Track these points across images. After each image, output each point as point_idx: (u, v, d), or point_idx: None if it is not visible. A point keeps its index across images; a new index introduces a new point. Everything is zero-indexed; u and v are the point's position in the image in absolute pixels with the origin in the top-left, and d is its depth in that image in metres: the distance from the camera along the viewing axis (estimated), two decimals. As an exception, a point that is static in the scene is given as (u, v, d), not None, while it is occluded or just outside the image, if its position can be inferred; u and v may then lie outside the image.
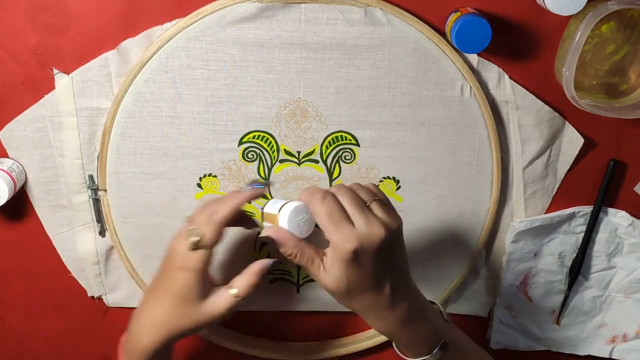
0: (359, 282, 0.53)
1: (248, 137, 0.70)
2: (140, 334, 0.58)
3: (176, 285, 0.56)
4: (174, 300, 0.56)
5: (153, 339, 0.58)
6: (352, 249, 0.51)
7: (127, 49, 0.66)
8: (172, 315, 0.57)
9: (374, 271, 0.53)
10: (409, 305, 0.56)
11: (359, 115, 0.69)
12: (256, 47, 0.66)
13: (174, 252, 0.56)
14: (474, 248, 0.76)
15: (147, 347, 0.58)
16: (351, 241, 0.51)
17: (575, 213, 0.75)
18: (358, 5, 0.64)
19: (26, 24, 0.65)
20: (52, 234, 0.74)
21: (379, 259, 0.53)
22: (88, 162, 0.70)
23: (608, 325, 0.82)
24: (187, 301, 0.56)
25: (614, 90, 0.69)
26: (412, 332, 0.57)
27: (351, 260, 0.52)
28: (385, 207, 0.55)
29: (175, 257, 0.56)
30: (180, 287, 0.56)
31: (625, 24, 0.65)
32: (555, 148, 0.72)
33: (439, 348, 0.58)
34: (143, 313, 0.59)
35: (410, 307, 0.56)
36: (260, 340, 0.81)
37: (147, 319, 0.58)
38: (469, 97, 0.68)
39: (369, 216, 0.53)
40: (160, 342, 0.58)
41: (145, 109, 0.67)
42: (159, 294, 0.58)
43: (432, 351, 0.58)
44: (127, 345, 0.60)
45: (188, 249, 0.55)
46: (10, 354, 0.82)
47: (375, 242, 0.52)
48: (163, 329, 0.57)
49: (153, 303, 0.58)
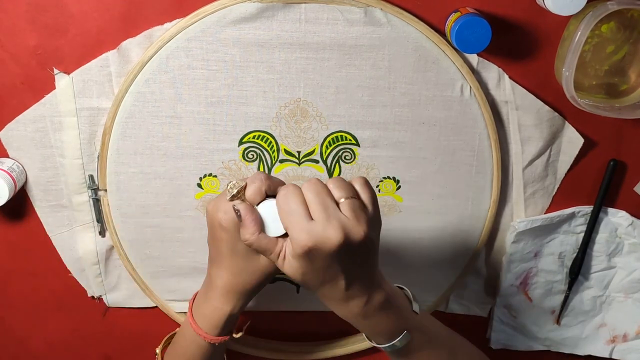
0: (312, 276, 0.52)
1: (248, 137, 0.70)
2: (218, 302, 0.61)
3: (226, 244, 0.57)
4: (232, 260, 0.58)
5: (235, 304, 0.61)
6: (304, 246, 0.50)
7: (128, 49, 0.66)
8: (236, 275, 0.59)
9: (326, 268, 0.52)
10: (367, 300, 0.55)
11: (359, 115, 0.69)
12: (256, 47, 0.66)
13: (214, 212, 0.57)
14: (474, 248, 0.76)
15: (230, 313, 0.61)
16: (304, 239, 0.50)
17: (576, 213, 0.75)
18: (358, 6, 0.64)
19: (26, 24, 0.65)
20: (52, 234, 0.74)
21: (334, 259, 0.51)
22: (88, 162, 0.70)
23: (608, 325, 0.82)
24: (242, 255, 0.57)
25: (614, 90, 0.69)
26: (371, 324, 0.56)
27: (303, 256, 0.51)
28: (359, 210, 0.51)
29: (216, 217, 0.57)
30: (230, 243, 0.57)
31: (625, 24, 0.65)
32: (555, 148, 0.72)
33: (401, 337, 0.57)
34: (209, 287, 0.62)
35: (368, 302, 0.55)
36: (260, 340, 0.81)
37: (217, 285, 0.61)
38: (468, 97, 0.69)
39: (330, 216, 0.50)
40: (241, 305, 0.61)
41: (145, 109, 0.67)
42: (217, 261, 0.60)
43: (391, 341, 0.57)
44: (206, 313, 0.62)
45: (227, 200, 0.55)
46: (11, 354, 0.82)
47: (328, 246, 0.49)
48: (235, 292, 0.60)
49: (215, 271, 0.60)
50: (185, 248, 0.74)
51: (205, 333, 0.62)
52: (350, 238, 0.50)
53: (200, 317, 0.63)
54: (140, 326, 0.80)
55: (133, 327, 0.80)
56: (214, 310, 0.61)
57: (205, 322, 0.62)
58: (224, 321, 0.62)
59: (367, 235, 0.51)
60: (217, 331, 0.62)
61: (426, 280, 0.77)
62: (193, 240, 0.74)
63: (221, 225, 0.56)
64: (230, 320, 0.62)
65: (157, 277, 0.75)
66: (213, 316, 0.62)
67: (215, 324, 0.62)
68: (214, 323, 0.62)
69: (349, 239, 0.50)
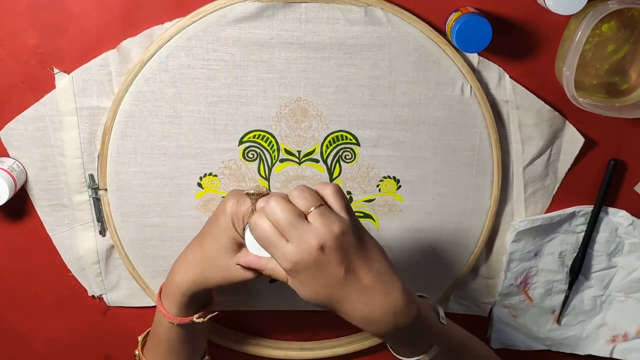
0: (313, 290, 0.53)
1: (248, 136, 0.70)
2: (174, 273, 0.63)
3: (217, 230, 0.59)
4: (212, 244, 0.60)
5: (184, 277, 0.61)
6: (288, 269, 0.52)
7: (128, 48, 0.66)
8: (208, 257, 0.60)
9: (318, 280, 0.52)
10: (399, 311, 0.54)
11: (359, 115, 0.69)
12: (256, 47, 0.66)
13: (229, 196, 0.59)
14: (474, 248, 0.76)
15: (179, 286, 0.62)
16: (285, 263, 0.51)
17: (576, 212, 0.75)
18: (358, 5, 0.64)
19: (26, 23, 0.65)
20: (52, 233, 0.74)
21: (320, 270, 0.51)
22: (88, 162, 0.70)
23: (608, 325, 0.82)
24: (222, 246, 0.59)
25: (615, 89, 0.69)
26: (402, 336, 0.56)
27: (293, 277, 0.53)
28: (327, 214, 0.52)
29: (227, 200, 0.59)
30: (219, 230, 0.59)
31: (625, 24, 0.65)
32: (556, 147, 0.72)
33: (430, 351, 0.57)
34: (181, 256, 0.64)
35: (400, 314, 0.54)
36: (260, 340, 0.81)
37: (182, 260, 0.63)
38: (469, 97, 0.68)
39: (300, 231, 0.50)
40: (191, 281, 0.61)
41: (145, 108, 0.67)
42: (199, 238, 0.62)
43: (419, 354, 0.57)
44: (165, 285, 0.64)
45: (244, 193, 0.58)
46: (11, 353, 0.82)
47: (308, 259, 0.50)
48: (195, 269, 0.61)
49: (193, 245, 0.63)
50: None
51: (165, 311, 0.63)
52: (326, 243, 0.50)
53: (164, 296, 0.64)
54: (140, 326, 0.80)
55: (133, 327, 0.80)
56: (174, 286, 0.62)
57: (167, 300, 0.63)
58: (181, 297, 0.62)
59: (341, 232, 0.51)
60: (176, 310, 0.63)
61: (426, 280, 0.77)
62: (193, 240, 0.74)
63: (225, 210, 0.58)
64: (188, 300, 0.62)
65: (157, 276, 0.75)
66: (173, 292, 0.62)
67: (174, 300, 0.62)
68: (173, 299, 0.62)
69: (325, 243, 0.50)
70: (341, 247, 0.51)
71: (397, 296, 0.53)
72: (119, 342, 0.82)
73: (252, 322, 0.80)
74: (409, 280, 0.78)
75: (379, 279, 0.53)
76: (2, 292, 0.78)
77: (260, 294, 0.78)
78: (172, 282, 0.63)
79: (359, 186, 0.72)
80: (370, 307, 0.53)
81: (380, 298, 0.53)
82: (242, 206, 0.58)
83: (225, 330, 0.80)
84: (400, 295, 0.53)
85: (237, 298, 0.78)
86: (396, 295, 0.53)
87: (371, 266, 0.53)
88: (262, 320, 0.80)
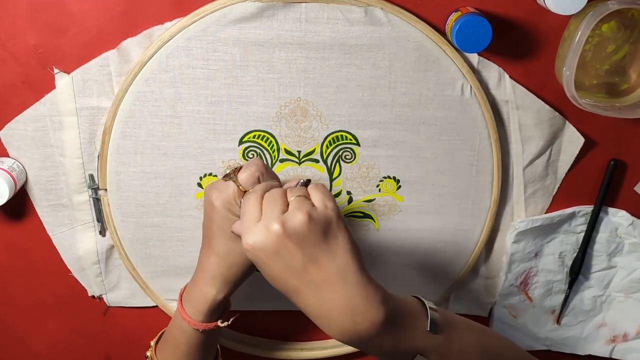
0: (270, 275, 0.51)
1: (248, 136, 0.70)
2: (198, 281, 0.62)
3: (216, 225, 0.58)
4: (220, 241, 0.59)
5: (212, 283, 0.61)
6: (245, 245, 0.50)
7: (128, 48, 0.66)
8: (223, 257, 0.60)
9: (277, 264, 0.50)
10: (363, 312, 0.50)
11: (359, 115, 0.69)
12: (256, 47, 0.66)
13: (210, 190, 0.59)
14: (474, 248, 0.76)
15: (208, 294, 0.62)
16: (246, 239, 0.50)
17: (576, 213, 0.75)
18: (358, 5, 0.64)
19: (26, 24, 0.65)
20: (52, 234, 0.74)
21: (278, 254, 0.50)
22: (88, 162, 0.70)
23: (608, 325, 0.82)
24: (229, 236, 0.58)
25: (615, 89, 0.69)
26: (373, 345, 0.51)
27: (250, 257, 0.51)
28: (301, 201, 0.51)
29: (210, 195, 0.58)
30: (218, 224, 0.58)
31: (625, 24, 0.65)
32: (556, 147, 0.72)
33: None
34: (198, 267, 0.63)
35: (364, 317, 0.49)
36: (261, 340, 0.81)
37: (201, 269, 0.62)
38: (469, 97, 0.68)
39: (271, 215, 0.50)
40: (219, 288, 0.61)
41: (145, 108, 0.67)
42: (206, 243, 0.61)
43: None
44: (189, 293, 0.63)
45: (221, 179, 0.58)
46: (11, 354, 0.82)
47: (265, 240, 0.49)
48: (220, 275, 0.61)
49: (204, 253, 0.62)
50: (185, 248, 0.74)
51: (190, 318, 0.62)
52: (288, 225, 0.49)
53: (187, 303, 0.63)
54: (140, 326, 0.80)
55: (133, 327, 0.80)
56: (199, 294, 0.62)
57: (191, 307, 0.63)
58: (208, 305, 0.62)
59: (307, 219, 0.49)
60: (202, 317, 0.62)
61: (426, 280, 0.77)
62: (193, 240, 0.74)
63: (213, 204, 0.58)
64: (215, 306, 0.62)
65: (158, 276, 0.75)
66: (199, 300, 0.62)
67: (200, 308, 0.62)
68: (199, 307, 0.62)
69: (287, 225, 0.49)
70: (302, 235, 0.49)
71: (356, 295, 0.49)
72: (119, 342, 0.82)
73: (253, 322, 0.80)
74: (408, 280, 0.78)
75: (338, 275, 0.49)
76: (1, 292, 0.78)
77: (260, 294, 0.77)
78: (198, 291, 0.62)
79: (359, 186, 0.73)
80: (326, 305, 0.49)
81: (337, 296, 0.49)
82: (227, 191, 0.57)
83: (225, 331, 0.80)
84: (360, 295, 0.49)
85: (237, 298, 0.78)
86: (354, 294, 0.49)
87: (334, 260, 0.50)
88: (262, 320, 0.80)
